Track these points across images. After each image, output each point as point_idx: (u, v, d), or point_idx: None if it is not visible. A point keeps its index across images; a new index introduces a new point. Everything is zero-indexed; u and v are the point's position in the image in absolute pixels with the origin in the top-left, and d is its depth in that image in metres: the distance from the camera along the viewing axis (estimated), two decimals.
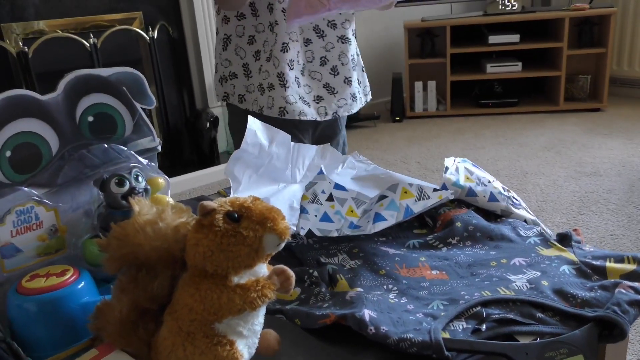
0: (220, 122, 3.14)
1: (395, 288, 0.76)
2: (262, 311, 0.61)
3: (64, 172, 0.72)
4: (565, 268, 0.77)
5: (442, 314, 0.68)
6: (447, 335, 0.63)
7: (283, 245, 0.60)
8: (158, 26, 2.90)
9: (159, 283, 0.60)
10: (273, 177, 1.16)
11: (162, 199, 0.70)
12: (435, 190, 0.85)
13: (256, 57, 1.32)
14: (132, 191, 0.71)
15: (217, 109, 3.18)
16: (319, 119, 1.36)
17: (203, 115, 3.02)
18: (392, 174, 1.18)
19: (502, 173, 2.76)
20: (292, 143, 1.19)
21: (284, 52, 1.28)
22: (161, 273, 0.60)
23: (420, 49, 3.82)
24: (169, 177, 2.52)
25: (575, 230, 0.90)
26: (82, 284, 0.67)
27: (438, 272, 0.79)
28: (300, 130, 1.38)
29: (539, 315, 0.67)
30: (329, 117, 1.38)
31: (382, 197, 0.85)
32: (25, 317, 0.64)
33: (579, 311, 0.67)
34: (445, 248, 0.87)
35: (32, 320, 0.64)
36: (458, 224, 0.90)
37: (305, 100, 1.33)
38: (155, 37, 2.87)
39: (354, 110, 1.43)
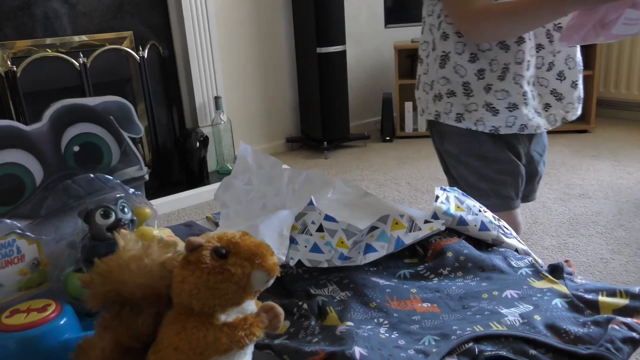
0: (210, 142, 3.13)
1: (386, 322, 0.74)
2: (250, 349, 0.60)
3: (47, 204, 0.70)
4: (557, 301, 0.76)
5: (434, 350, 0.66)
6: None
7: (272, 281, 0.59)
8: (148, 45, 2.90)
9: (143, 320, 0.58)
10: (263, 204, 1.15)
11: (148, 231, 0.68)
12: (426, 221, 0.84)
13: (479, 76, 1.25)
14: (117, 223, 0.69)
15: (207, 128, 3.17)
16: (550, 127, 1.33)
17: (193, 135, 3.01)
18: (384, 201, 1.17)
19: None
20: (283, 167, 1.18)
21: (528, 70, 1.24)
22: (146, 310, 0.59)
23: (410, 69, 3.85)
24: (158, 197, 2.49)
25: (566, 261, 0.89)
26: (64, 320, 0.65)
27: (429, 304, 0.78)
28: (520, 142, 1.34)
29: (532, 352, 0.66)
30: (558, 124, 1.34)
31: (373, 228, 0.84)
32: (5, 354, 0.62)
33: (572, 348, 0.66)
34: (436, 279, 0.86)
35: (11, 358, 0.62)
36: (449, 254, 0.89)
37: (537, 111, 1.29)
38: (146, 56, 2.86)
39: (579, 113, 1.38)
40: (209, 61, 3.15)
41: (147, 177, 0.78)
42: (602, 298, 0.76)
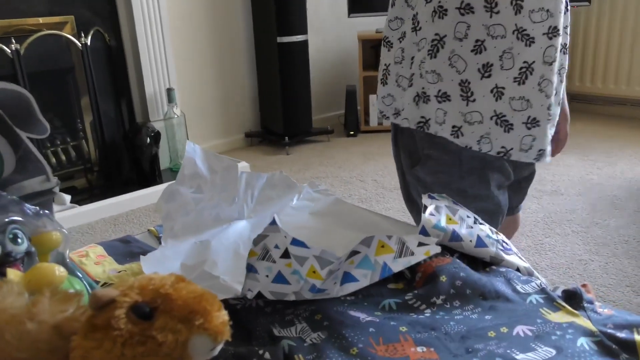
0: (163, 137, 2.91)
1: None
2: None
3: None
4: (583, 342, 0.61)
5: None
6: None
7: (219, 349, 0.41)
8: (92, 32, 2.65)
9: None
10: (216, 214, 0.97)
11: (47, 271, 0.49)
12: (420, 244, 0.68)
13: (484, 73, 0.94)
14: (5, 259, 0.50)
15: (159, 122, 2.94)
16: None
17: (143, 130, 2.77)
18: (357, 209, 1.01)
19: None
20: (240, 172, 1.00)
21: (559, 74, 0.94)
22: None
23: (374, 60, 3.70)
24: (105, 198, 2.25)
25: (583, 286, 0.74)
26: None
27: (425, 348, 0.62)
28: (496, 168, 1.04)
29: None
30: None
31: (354, 252, 0.67)
32: None
33: None
34: (429, 310, 0.70)
35: None
36: (443, 278, 0.73)
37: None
38: (89, 43, 2.61)
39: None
40: (161, 49, 2.92)
41: (57, 189, 0.59)
42: (639, 337, 0.61)
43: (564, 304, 0.69)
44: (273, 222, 0.67)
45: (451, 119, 0.96)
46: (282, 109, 3.38)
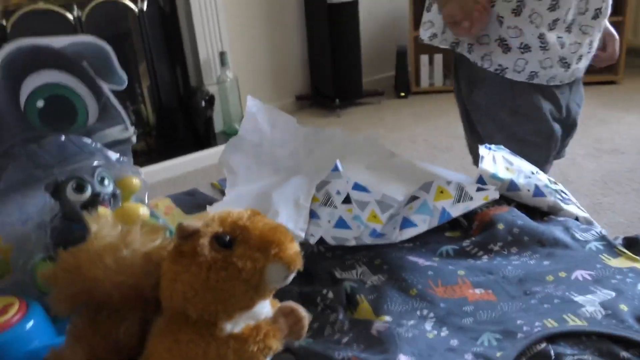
0: (216, 101, 2.96)
1: (432, 315, 0.60)
2: None
3: (7, 174, 0.56)
4: None
5: (498, 354, 0.52)
6: None
7: (292, 277, 0.44)
8: None
9: (125, 330, 0.44)
10: (275, 167, 1.00)
11: (132, 209, 0.54)
12: (479, 189, 0.69)
13: (491, 3, 1.08)
14: (95, 198, 0.55)
15: (213, 86, 2.99)
16: (569, 80, 1.17)
17: (198, 94, 2.84)
18: (414, 163, 1.02)
19: None
20: (298, 126, 1.03)
21: (553, 11, 1.06)
22: (127, 316, 0.45)
23: None
24: (163, 160, 2.34)
25: None
26: (31, 323, 0.51)
27: (483, 290, 0.64)
28: (562, 91, 1.17)
29: (624, 354, 0.52)
30: (574, 78, 1.19)
31: (413, 197, 0.69)
32: None
33: None
34: (486, 256, 0.72)
35: None
36: (500, 226, 0.74)
37: (565, 62, 1.12)
38: (145, 9, 2.67)
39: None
40: (213, 14, 2.95)
41: (134, 138, 0.64)
42: None
43: (624, 250, 0.69)
44: (335, 168, 0.69)
45: (467, 39, 1.14)
46: (332, 72, 3.37)
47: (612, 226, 1.89)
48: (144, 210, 0.53)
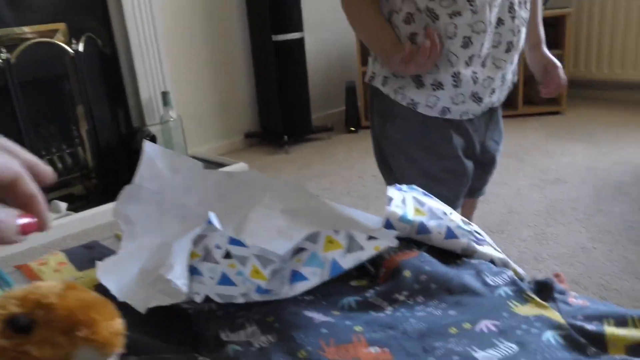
0: (160, 141, 2.89)
1: None
2: None
3: None
4: (549, 335, 0.57)
5: None
6: None
7: None
8: (84, 38, 2.63)
9: None
10: (182, 215, 0.93)
11: None
12: (370, 237, 0.64)
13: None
14: None
15: (155, 127, 2.92)
16: (479, 114, 1.15)
17: (139, 134, 2.76)
18: (332, 206, 0.96)
19: None
20: (206, 171, 0.97)
21: (467, 48, 1.05)
22: None
23: None
24: (102, 203, 2.23)
25: (556, 275, 0.70)
26: None
27: (379, 349, 0.58)
28: (476, 129, 1.17)
29: None
30: (487, 109, 1.17)
31: (298, 249, 0.63)
32: None
33: None
34: (390, 308, 0.66)
35: None
36: (406, 273, 0.69)
37: (478, 97, 1.10)
38: (81, 50, 2.59)
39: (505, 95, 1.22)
40: (154, 54, 2.90)
41: None
42: (609, 329, 0.56)
43: (533, 295, 0.65)
44: (209, 221, 0.63)
45: (383, 72, 1.15)
46: (281, 108, 3.35)
47: (555, 257, 1.88)
48: None
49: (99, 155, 2.77)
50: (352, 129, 3.63)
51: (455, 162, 1.16)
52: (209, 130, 3.32)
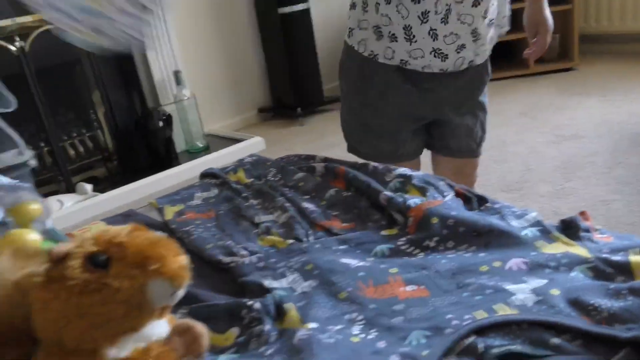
0: (176, 120, 2.92)
1: (360, 317, 0.58)
2: None
3: None
4: (577, 270, 0.59)
5: (424, 353, 0.49)
6: None
7: (181, 293, 0.41)
8: None
9: None
10: None
11: (18, 236, 0.50)
12: None
13: None
14: None
15: (170, 106, 2.95)
16: (451, 69, 1.12)
17: (154, 115, 2.79)
18: None
19: None
20: None
21: (415, 3, 1.04)
22: (3, 353, 0.41)
23: None
24: (124, 184, 2.27)
25: (581, 213, 0.72)
26: None
27: (415, 287, 0.61)
28: (430, 84, 1.14)
29: (554, 340, 0.50)
30: (462, 68, 1.14)
31: None
32: None
33: (608, 330, 0.49)
34: (422, 254, 0.69)
35: None
36: (434, 220, 0.72)
37: (441, 53, 1.09)
38: None
39: (488, 54, 1.21)
40: (164, 34, 2.92)
41: (33, 162, 0.59)
42: (634, 258, 0.59)
43: (559, 235, 0.67)
44: None
45: (351, 23, 1.16)
46: (291, 81, 3.35)
47: (575, 210, 1.88)
48: (33, 236, 0.49)
49: (117, 137, 2.81)
50: None
51: (387, 119, 1.18)
52: (223, 107, 3.35)
